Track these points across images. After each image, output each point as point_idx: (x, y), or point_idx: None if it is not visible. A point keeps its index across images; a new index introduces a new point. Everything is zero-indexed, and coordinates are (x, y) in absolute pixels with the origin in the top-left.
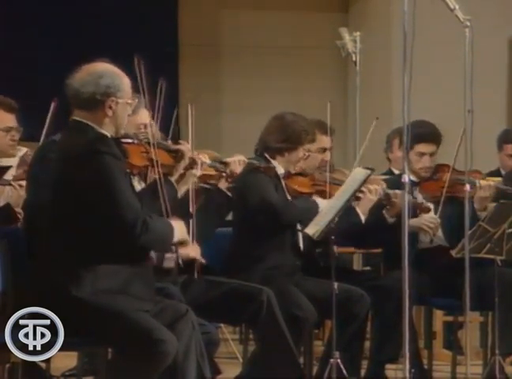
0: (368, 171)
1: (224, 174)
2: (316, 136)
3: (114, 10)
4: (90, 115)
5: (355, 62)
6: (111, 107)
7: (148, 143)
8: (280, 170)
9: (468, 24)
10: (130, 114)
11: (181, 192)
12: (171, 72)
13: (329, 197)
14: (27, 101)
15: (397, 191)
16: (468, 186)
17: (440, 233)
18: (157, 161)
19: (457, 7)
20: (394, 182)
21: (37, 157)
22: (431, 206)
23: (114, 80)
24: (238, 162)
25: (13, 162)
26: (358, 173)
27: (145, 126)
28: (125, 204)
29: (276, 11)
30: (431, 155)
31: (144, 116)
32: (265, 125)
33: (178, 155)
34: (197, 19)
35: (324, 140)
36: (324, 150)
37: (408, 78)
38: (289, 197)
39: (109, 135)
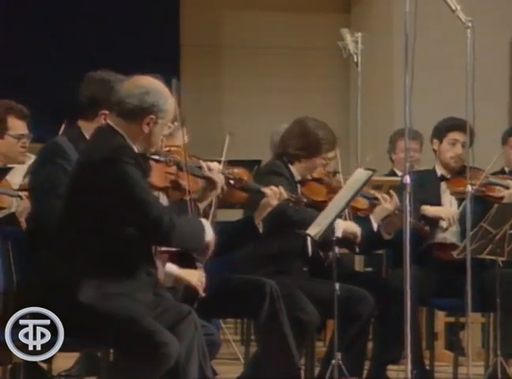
0: (370, 172)
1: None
2: (335, 146)
3: (115, 11)
4: (126, 126)
5: (356, 63)
6: (148, 124)
7: (179, 166)
8: (297, 177)
9: (470, 24)
10: (166, 136)
11: (203, 206)
12: (172, 72)
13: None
14: (35, 103)
15: (385, 196)
16: (469, 186)
17: (457, 229)
18: (189, 189)
19: (458, 8)
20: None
21: (40, 160)
22: (456, 204)
23: (160, 99)
24: (274, 195)
25: (21, 169)
26: (360, 174)
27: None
28: (148, 203)
29: (278, 12)
30: (463, 145)
31: (180, 139)
32: (268, 125)
33: (210, 186)
34: (199, 19)
35: None
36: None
37: (410, 79)
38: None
39: (136, 149)
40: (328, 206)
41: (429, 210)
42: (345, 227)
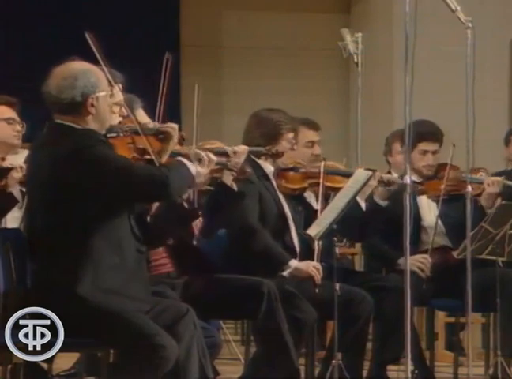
0: (370, 172)
1: (229, 169)
2: (296, 127)
3: (116, 11)
4: (73, 118)
5: (356, 63)
6: (93, 105)
7: (134, 132)
8: (269, 169)
9: (470, 25)
10: (110, 105)
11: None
12: (172, 73)
13: (323, 189)
14: (30, 103)
15: (389, 175)
16: (469, 187)
17: (443, 231)
18: (152, 150)
19: (458, 8)
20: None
21: (32, 156)
22: (435, 206)
23: (90, 78)
24: (241, 153)
25: (20, 159)
26: (359, 174)
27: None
28: (131, 168)
29: (278, 12)
30: (434, 153)
31: (141, 115)
32: None
33: (166, 136)
34: (199, 20)
35: (309, 134)
36: (312, 144)
37: (410, 79)
38: (281, 196)
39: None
40: (328, 206)
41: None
42: (297, 266)
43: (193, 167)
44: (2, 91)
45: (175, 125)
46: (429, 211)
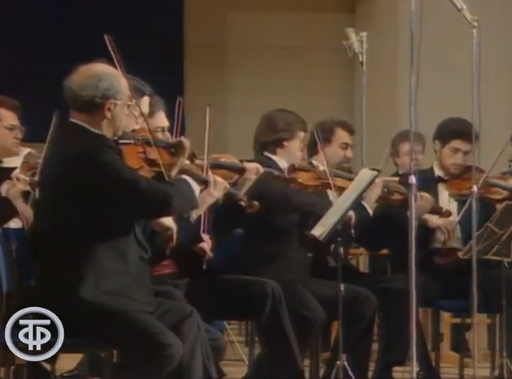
0: (374, 173)
1: (239, 199)
2: (304, 127)
3: (119, 11)
4: (88, 118)
5: (361, 63)
6: (109, 110)
7: (147, 142)
8: (283, 164)
9: (476, 24)
10: (128, 115)
11: (199, 212)
12: (176, 73)
13: (334, 189)
14: (29, 101)
15: (423, 193)
16: (475, 187)
17: (458, 233)
18: (162, 163)
19: (464, 7)
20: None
21: (46, 156)
22: (455, 205)
23: (113, 82)
24: (255, 170)
25: (17, 162)
26: (364, 174)
27: (163, 130)
28: (137, 181)
29: (283, 12)
30: (465, 153)
31: (161, 119)
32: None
33: (177, 150)
34: (203, 20)
35: (345, 136)
36: (346, 146)
37: (415, 79)
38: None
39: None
40: (333, 206)
41: (430, 220)
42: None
43: (196, 187)
44: (2, 92)
45: (187, 141)
46: (448, 209)
